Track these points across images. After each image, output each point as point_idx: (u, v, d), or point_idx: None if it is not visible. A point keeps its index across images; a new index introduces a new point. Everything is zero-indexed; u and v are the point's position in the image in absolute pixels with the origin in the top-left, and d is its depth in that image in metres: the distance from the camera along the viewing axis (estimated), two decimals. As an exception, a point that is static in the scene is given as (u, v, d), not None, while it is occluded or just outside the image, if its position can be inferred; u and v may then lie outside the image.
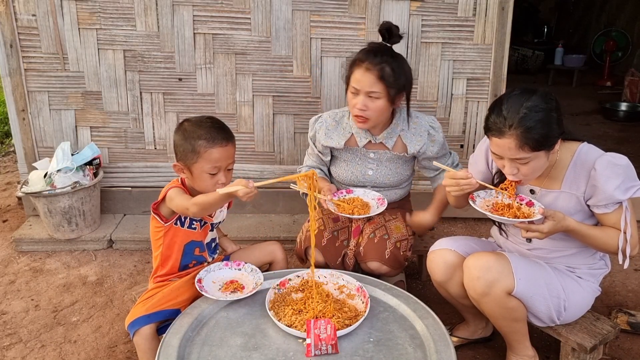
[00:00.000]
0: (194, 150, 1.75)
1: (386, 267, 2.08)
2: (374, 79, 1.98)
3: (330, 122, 2.24)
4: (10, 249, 2.96)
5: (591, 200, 1.71)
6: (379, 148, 2.20)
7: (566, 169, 1.73)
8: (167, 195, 1.80)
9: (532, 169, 1.66)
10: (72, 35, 2.89)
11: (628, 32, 7.22)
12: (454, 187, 1.74)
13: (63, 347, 2.20)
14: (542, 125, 1.58)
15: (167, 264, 1.90)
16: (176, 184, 1.85)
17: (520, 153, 1.60)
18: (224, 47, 2.94)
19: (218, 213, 1.96)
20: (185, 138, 1.77)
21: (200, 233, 1.92)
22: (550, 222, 1.64)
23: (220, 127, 1.81)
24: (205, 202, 1.69)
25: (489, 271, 1.72)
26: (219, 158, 1.76)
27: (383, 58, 1.99)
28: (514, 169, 1.66)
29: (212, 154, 1.75)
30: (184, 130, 1.79)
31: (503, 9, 2.85)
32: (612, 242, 1.70)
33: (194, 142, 1.75)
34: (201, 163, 1.76)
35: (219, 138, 1.77)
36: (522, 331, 1.86)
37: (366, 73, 1.99)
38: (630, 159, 1.71)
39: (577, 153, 1.72)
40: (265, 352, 1.48)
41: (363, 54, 2.03)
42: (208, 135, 1.75)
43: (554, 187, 1.76)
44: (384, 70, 1.98)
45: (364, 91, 2.01)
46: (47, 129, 3.05)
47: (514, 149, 1.60)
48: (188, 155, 1.77)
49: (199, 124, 1.80)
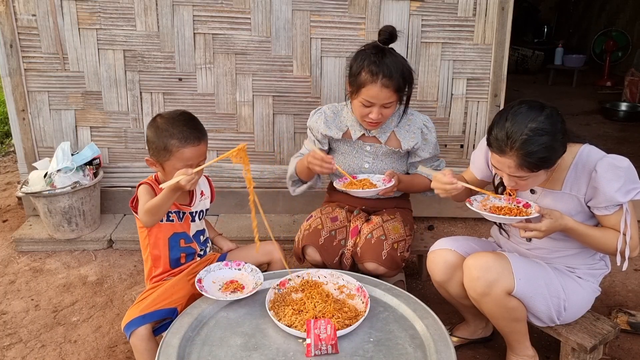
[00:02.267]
0: (166, 148, 1.76)
1: (383, 268, 2.08)
2: (392, 93, 1.99)
3: (329, 113, 2.26)
4: (10, 249, 2.96)
5: (592, 201, 1.71)
6: (374, 141, 2.22)
7: (567, 170, 1.73)
8: (138, 190, 1.82)
9: (531, 183, 1.68)
10: (72, 35, 2.89)
11: (628, 32, 7.22)
12: (441, 192, 1.78)
13: (63, 347, 2.20)
14: (544, 149, 1.56)
15: (158, 263, 1.91)
16: (149, 180, 1.86)
17: (519, 172, 1.61)
18: (224, 47, 2.94)
19: (197, 202, 1.96)
20: (157, 135, 1.78)
21: (181, 224, 1.92)
22: (548, 220, 1.65)
23: (193, 125, 1.82)
24: (152, 205, 1.72)
25: (488, 271, 1.72)
26: (190, 157, 1.78)
27: (394, 67, 1.98)
28: (512, 182, 1.67)
29: (184, 153, 1.77)
30: (156, 127, 1.80)
31: (503, 9, 2.85)
32: (610, 244, 1.70)
33: (167, 141, 1.76)
34: (173, 161, 1.77)
35: (191, 138, 1.77)
36: (522, 331, 1.86)
37: (384, 89, 1.97)
38: (630, 159, 1.70)
39: (579, 154, 1.72)
40: (265, 352, 1.48)
41: (373, 66, 1.97)
42: (180, 134, 1.76)
43: (555, 188, 1.76)
44: (399, 83, 1.98)
45: (379, 104, 2.01)
46: (47, 129, 3.05)
47: (513, 168, 1.61)
48: (160, 152, 1.78)
49: (171, 121, 1.79)
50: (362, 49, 2.08)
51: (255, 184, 1.80)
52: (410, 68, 2.07)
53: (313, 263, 2.18)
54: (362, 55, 2.04)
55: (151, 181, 1.87)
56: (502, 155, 1.61)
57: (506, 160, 1.60)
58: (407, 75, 2.03)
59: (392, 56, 2.02)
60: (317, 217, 2.21)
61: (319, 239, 2.14)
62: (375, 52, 2.02)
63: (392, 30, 2.03)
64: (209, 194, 2.06)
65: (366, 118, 2.07)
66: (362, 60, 2.02)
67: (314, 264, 2.17)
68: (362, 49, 2.08)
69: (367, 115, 2.05)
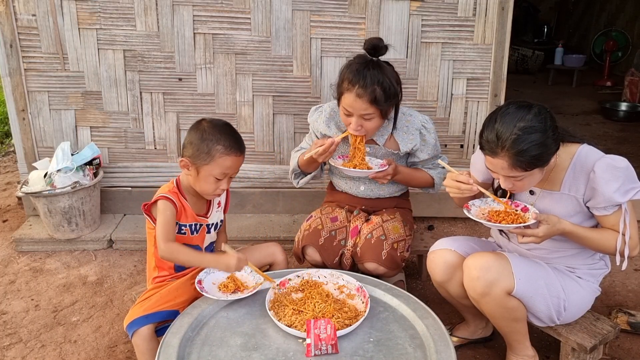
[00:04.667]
0: (209, 152, 1.76)
1: (383, 268, 2.08)
2: (367, 104, 1.97)
3: (330, 112, 2.26)
4: (10, 249, 2.96)
5: (590, 202, 1.71)
6: (372, 143, 2.22)
7: (565, 171, 1.73)
8: (157, 203, 1.80)
9: (528, 184, 1.68)
10: (72, 35, 2.89)
11: (628, 32, 7.22)
12: (453, 189, 1.76)
13: (63, 347, 2.20)
14: (535, 147, 1.56)
15: (163, 266, 1.90)
16: (171, 188, 1.84)
17: (513, 172, 1.61)
18: (224, 47, 2.94)
19: (214, 212, 1.96)
20: (202, 138, 1.77)
21: (196, 237, 1.91)
22: (545, 225, 1.65)
23: (238, 137, 1.84)
24: (179, 259, 1.81)
25: (488, 271, 1.72)
26: (230, 166, 1.79)
27: (372, 79, 1.96)
28: (508, 183, 1.68)
29: (226, 161, 1.77)
30: (203, 130, 1.79)
31: (503, 9, 2.85)
32: (609, 244, 1.70)
33: (212, 145, 1.76)
34: (212, 166, 1.77)
35: (235, 147, 1.79)
36: (522, 331, 1.87)
37: (357, 99, 1.97)
38: (630, 159, 1.70)
39: (577, 155, 1.72)
40: (265, 352, 1.48)
41: (352, 75, 1.98)
42: (227, 142, 1.78)
43: (554, 189, 1.76)
44: (374, 94, 1.96)
45: (357, 114, 2.01)
46: (47, 129, 3.05)
47: (506, 169, 1.61)
48: (201, 155, 1.77)
49: (219, 128, 1.81)
50: (350, 59, 2.09)
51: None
52: (393, 83, 2.02)
53: (313, 263, 2.18)
54: (348, 64, 2.05)
55: (172, 193, 1.82)
56: (495, 157, 1.61)
57: (499, 162, 1.61)
58: (387, 88, 1.98)
59: (376, 68, 1.99)
60: (317, 217, 2.22)
61: (319, 239, 2.14)
62: (360, 62, 2.02)
63: (375, 43, 2.02)
64: (224, 205, 2.05)
65: (348, 127, 2.08)
66: (346, 69, 2.03)
67: (314, 264, 2.17)
68: (350, 60, 2.08)
69: (348, 125, 2.07)
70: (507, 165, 1.60)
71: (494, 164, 1.64)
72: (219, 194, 1.85)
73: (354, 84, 1.97)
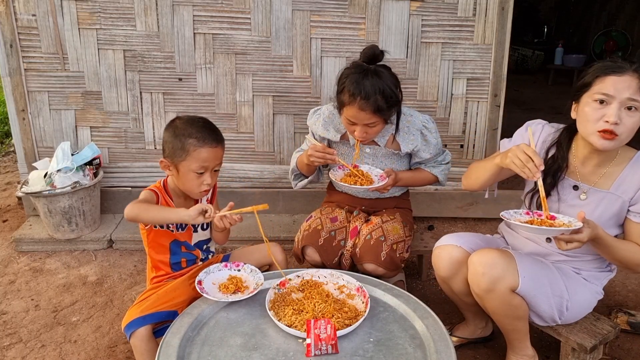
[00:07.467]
0: (184, 148, 1.76)
1: (382, 269, 2.08)
2: (370, 114, 1.98)
3: (328, 114, 2.25)
4: (10, 249, 2.97)
5: (634, 207, 1.71)
6: (373, 144, 2.21)
7: (621, 171, 1.73)
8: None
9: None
10: (72, 35, 2.89)
11: (628, 32, 7.22)
12: (518, 162, 1.62)
13: (63, 347, 2.20)
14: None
15: (159, 265, 1.91)
16: (157, 185, 1.86)
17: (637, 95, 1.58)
18: (224, 47, 2.94)
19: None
20: (175, 135, 1.78)
21: (182, 234, 1.91)
22: (588, 229, 1.59)
23: (212, 128, 1.83)
24: (141, 217, 1.75)
25: (493, 268, 1.72)
26: (207, 158, 1.77)
27: (373, 88, 1.95)
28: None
29: (201, 153, 1.76)
30: (175, 127, 1.80)
31: (503, 9, 2.85)
32: (633, 257, 1.69)
33: (184, 140, 1.76)
34: (189, 161, 1.77)
35: (209, 139, 1.78)
36: (524, 330, 1.86)
37: (361, 112, 1.97)
38: None
39: (635, 158, 1.72)
40: (265, 352, 1.48)
41: (352, 87, 1.96)
42: (199, 134, 1.77)
43: (604, 187, 1.75)
44: (377, 104, 1.95)
45: (361, 124, 2.01)
46: (47, 129, 3.05)
47: (633, 88, 1.58)
48: (177, 152, 1.77)
49: (190, 122, 1.81)
50: (347, 67, 2.08)
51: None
52: (394, 89, 2.01)
53: (312, 263, 2.18)
54: (346, 73, 2.04)
55: (157, 188, 1.85)
56: (623, 74, 1.58)
57: (627, 79, 1.58)
58: (388, 96, 1.98)
59: (374, 77, 1.98)
60: (317, 217, 2.22)
61: (319, 240, 2.14)
62: (358, 72, 2.00)
63: (372, 52, 2.01)
64: (211, 199, 2.03)
65: (352, 134, 2.08)
66: (345, 79, 2.02)
67: (314, 264, 2.17)
68: (347, 67, 2.07)
69: (353, 132, 2.07)
70: (635, 84, 1.58)
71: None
72: (206, 191, 1.83)
73: (355, 97, 1.96)
